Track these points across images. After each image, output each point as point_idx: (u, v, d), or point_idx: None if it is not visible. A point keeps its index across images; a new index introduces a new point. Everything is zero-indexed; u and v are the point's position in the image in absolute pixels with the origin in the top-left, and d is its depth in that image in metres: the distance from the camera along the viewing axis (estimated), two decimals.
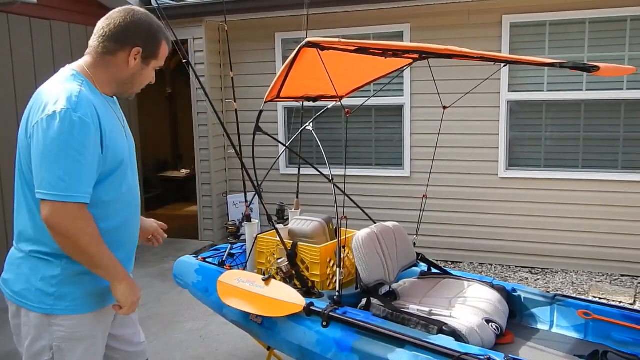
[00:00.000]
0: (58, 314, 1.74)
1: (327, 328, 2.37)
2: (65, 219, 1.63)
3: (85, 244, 1.67)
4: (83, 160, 1.64)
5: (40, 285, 1.73)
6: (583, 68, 1.78)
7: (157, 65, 1.90)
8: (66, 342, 1.76)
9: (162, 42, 1.86)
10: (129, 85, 1.88)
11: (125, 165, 1.83)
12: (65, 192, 1.62)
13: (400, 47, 2.34)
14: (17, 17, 5.04)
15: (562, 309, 2.65)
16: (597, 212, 5.11)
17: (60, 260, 1.74)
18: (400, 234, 2.91)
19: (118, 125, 1.86)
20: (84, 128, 1.64)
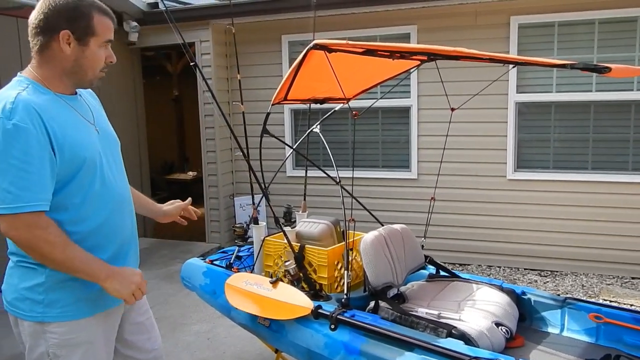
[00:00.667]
0: (50, 321, 1.71)
1: (335, 331, 2.35)
2: (21, 230, 1.58)
3: (48, 251, 1.61)
4: (28, 167, 1.56)
5: (29, 294, 1.71)
6: (594, 69, 1.75)
7: (102, 40, 1.73)
8: (61, 349, 1.72)
9: (93, 15, 1.70)
10: (80, 73, 1.73)
11: (91, 162, 1.72)
12: (14, 203, 1.55)
13: (408, 49, 2.33)
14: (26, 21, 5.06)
15: (573, 312, 2.62)
16: (607, 214, 5.07)
17: (45, 268, 1.69)
18: (408, 237, 2.90)
19: (80, 123, 1.75)
20: (22, 134, 1.55)
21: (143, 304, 2.06)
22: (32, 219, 1.58)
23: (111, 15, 1.78)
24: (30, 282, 1.71)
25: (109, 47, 1.78)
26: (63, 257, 1.63)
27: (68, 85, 1.76)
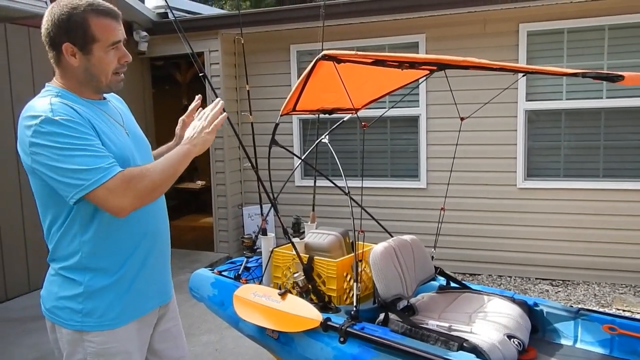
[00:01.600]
0: (88, 330, 1.73)
1: (345, 344, 2.33)
2: (125, 193, 1.58)
3: (150, 183, 1.62)
4: (88, 144, 1.59)
5: (68, 303, 1.73)
6: (607, 78, 1.73)
7: (106, 44, 1.69)
8: (99, 357, 1.75)
9: (89, 20, 1.65)
10: (94, 80, 1.73)
11: (126, 162, 1.73)
12: (97, 175, 1.56)
13: (418, 59, 2.32)
14: (37, 30, 5.11)
15: (587, 323, 2.58)
16: (620, 222, 5.00)
17: (84, 277, 1.71)
18: (418, 247, 2.87)
19: (112, 124, 1.77)
20: (70, 124, 1.58)
21: (172, 310, 2.06)
22: (120, 179, 1.58)
23: (112, 14, 1.70)
24: (70, 292, 1.73)
25: (121, 47, 1.73)
26: (158, 174, 1.64)
27: (90, 91, 1.76)
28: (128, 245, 1.76)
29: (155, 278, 1.88)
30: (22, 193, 5.03)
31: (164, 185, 1.67)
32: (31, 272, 5.14)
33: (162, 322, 2.00)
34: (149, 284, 1.85)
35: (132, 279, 1.78)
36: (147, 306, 1.85)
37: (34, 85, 5.12)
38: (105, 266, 1.73)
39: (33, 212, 1.88)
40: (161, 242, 1.91)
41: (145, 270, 1.82)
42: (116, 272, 1.75)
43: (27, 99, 1.73)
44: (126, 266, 1.76)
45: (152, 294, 1.88)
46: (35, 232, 5.17)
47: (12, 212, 4.96)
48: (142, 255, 1.81)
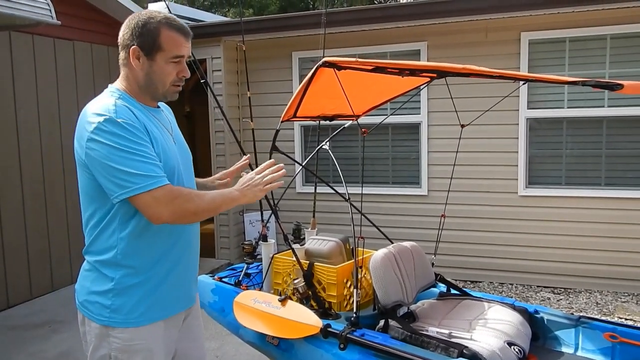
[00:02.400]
0: (114, 326, 1.79)
1: (345, 350, 2.32)
2: (166, 205, 1.67)
3: (194, 207, 1.72)
4: (143, 152, 1.68)
5: (98, 298, 1.80)
6: (606, 86, 1.74)
7: (169, 56, 1.80)
8: (122, 353, 1.80)
9: (161, 31, 1.77)
10: (152, 86, 1.83)
11: (174, 171, 1.83)
12: (146, 181, 1.65)
13: (418, 67, 2.33)
14: (41, 38, 5.17)
15: (588, 331, 2.57)
16: (621, 230, 4.99)
17: (116, 274, 1.78)
18: (418, 254, 2.87)
19: (163, 133, 1.87)
20: (130, 128, 1.68)
21: (195, 310, 2.11)
22: (168, 192, 1.69)
23: (183, 31, 1.82)
24: (101, 287, 1.80)
25: (183, 62, 1.84)
26: (205, 203, 1.75)
27: (147, 98, 1.86)
28: (160, 248, 1.83)
29: (183, 283, 1.94)
30: (24, 202, 5.05)
31: (203, 214, 1.76)
32: (33, 280, 5.15)
33: (185, 323, 2.05)
34: (177, 288, 1.91)
35: (161, 281, 1.85)
36: (173, 308, 1.91)
37: (37, 92, 5.15)
38: (136, 265, 1.79)
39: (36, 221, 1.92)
40: (191, 251, 1.98)
41: (174, 275, 1.89)
42: (146, 272, 1.81)
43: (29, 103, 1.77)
44: (156, 268, 1.83)
45: (179, 297, 1.94)
46: (38, 241, 5.19)
47: (15, 220, 4.97)
48: (172, 260, 1.88)
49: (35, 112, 5.14)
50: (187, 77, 1.87)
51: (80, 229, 1.94)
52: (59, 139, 5.36)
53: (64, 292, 5.23)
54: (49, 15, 4.32)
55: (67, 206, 5.44)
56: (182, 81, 1.87)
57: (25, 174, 5.06)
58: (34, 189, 5.14)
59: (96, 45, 5.78)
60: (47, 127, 5.26)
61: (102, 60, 5.84)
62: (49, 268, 5.29)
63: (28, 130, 5.08)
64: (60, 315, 4.68)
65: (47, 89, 5.25)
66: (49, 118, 5.27)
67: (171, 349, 1.95)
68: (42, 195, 5.22)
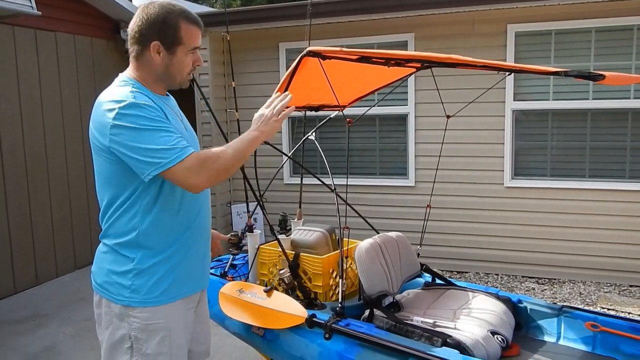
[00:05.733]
0: (134, 306, 1.83)
1: (330, 340, 2.33)
2: (200, 172, 1.71)
3: (223, 163, 1.76)
4: (167, 127, 1.74)
5: (118, 278, 1.84)
6: (588, 77, 1.75)
7: (189, 48, 1.88)
8: (142, 333, 1.85)
9: (181, 25, 1.85)
10: (170, 78, 1.90)
11: None
12: (175, 154, 1.69)
13: (403, 56, 2.33)
14: (22, 29, 5.08)
15: (570, 320, 2.60)
16: (605, 221, 5.05)
17: (136, 254, 1.83)
18: (403, 244, 2.88)
19: (177, 119, 1.93)
20: (151, 108, 1.74)
21: (205, 296, 2.17)
22: (197, 159, 1.73)
23: (198, 23, 1.90)
24: (121, 268, 1.84)
25: (197, 52, 1.92)
26: (231, 156, 1.79)
27: (161, 87, 1.93)
28: (180, 228, 1.89)
29: (200, 262, 2.01)
30: (7, 196, 4.98)
31: (234, 166, 1.81)
32: (17, 274, 5.09)
33: (198, 306, 2.10)
34: (194, 267, 1.97)
35: (180, 260, 1.90)
36: (192, 287, 1.97)
37: (19, 85, 5.06)
38: (156, 245, 1.85)
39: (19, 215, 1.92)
40: (206, 231, 2.05)
41: (192, 254, 1.94)
42: (165, 251, 1.86)
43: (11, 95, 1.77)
44: (174, 247, 1.88)
45: (197, 276, 2.00)
46: (21, 235, 5.13)
47: None
48: (191, 240, 1.93)
49: (17, 104, 5.06)
50: (201, 66, 1.98)
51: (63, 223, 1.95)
52: (42, 132, 5.29)
53: (48, 286, 5.18)
54: (29, 5, 4.25)
55: (51, 200, 5.37)
56: (195, 69, 1.94)
57: (8, 168, 4.99)
58: (16, 182, 5.07)
59: (79, 37, 5.70)
60: (30, 120, 5.17)
61: (86, 52, 5.76)
62: (33, 262, 5.23)
63: (10, 123, 5.00)
64: (44, 310, 4.64)
65: (29, 81, 5.16)
66: (31, 111, 5.19)
67: (189, 330, 2.00)
68: (25, 189, 5.15)
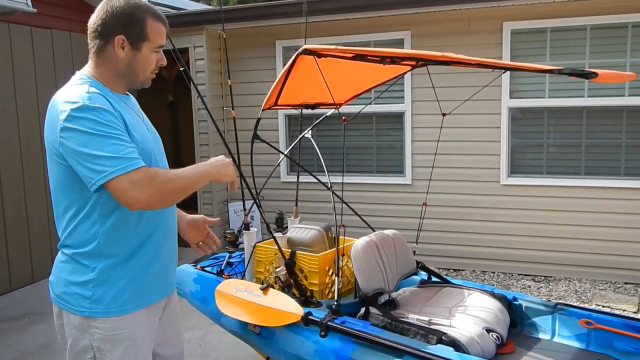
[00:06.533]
0: (95, 316, 1.77)
1: (325, 338, 2.34)
2: (144, 187, 1.62)
3: (172, 187, 1.69)
4: (119, 135, 1.66)
5: (78, 289, 1.77)
6: (581, 74, 1.76)
7: (154, 45, 1.82)
8: (105, 343, 1.79)
9: (147, 21, 1.78)
10: (132, 75, 1.83)
11: (150, 156, 1.82)
12: (121, 164, 1.61)
13: (398, 54, 2.33)
14: (17, 26, 5.06)
15: (564, 317, 2.62)
16: (600, 219, 5.07)
17: (97, 264, 1.76)
18: (399, 242, 2.89)
19: (136, 119, 1.87)
20: (105, 113, 1.66)
21: (174, 299, 2.10)
22: (144, 174, 1.64)
23: (164, 21, 1.85)
24: (81, 278, 1.77)
25: (161, 51, 1.87)
26: (182, 181, 1.73)
27: (122, 85, 1.86)
28: (142, 235, 1.82)
29: (164, 270, 1.94)
30: (3, 194, 4.97)
31: (181, 194, 1.74)
32: (12, 272, 5.08)
33: (165, 310, 2.04)
34: (158, 275, 1.90)
35: (143, 269, 1.84)
36: (155, 296, 1.91)
37: (15, 82, 5.05)
38: (118, 253, 1.78)
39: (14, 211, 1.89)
40: (171, 237, 1.97)
41: (156, 262, 1.88)
42: (128, 260, 1.80)
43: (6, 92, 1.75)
44: (138, 256, 1.82)
45: (161, 284, 1.93)
46: (17, 233, 5.12)
47: None
48: (155, 247, 1.87)
49: (13, 102, 5.05)
50: (164, 65, 1.89)
51: None
52: (38, 129, 5.28)
53: (44, 284, 5.16)
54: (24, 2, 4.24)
55: (47, 198, 5.35)
56: (157, 69, 1.89)
57: (4, 166, 4.98)
58: (13, 180, 5.06)
59: (75, 34, 5.68)
60: (26, 118, 5.16)
61: (81, 48, 5.70)
62: (29, 260, 5.23)
63: (6, 121, 4.98)
64: (40, 307, 4.63)
65: (25, 79, 5.15)
66: (27, 108, 5.18)
67: (154, 337, 1.95)
68: (22, 187, 5.15)
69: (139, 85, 1.88)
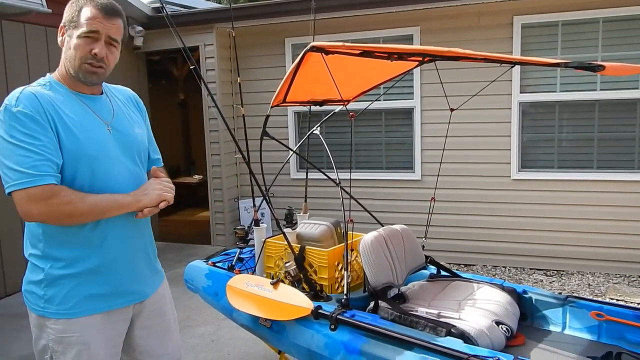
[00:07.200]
0: (49, 317, 1.78)
1: (335, 331, 2.36)
2: (38, 204, 1.64)
3: (72, 210, 1.69)
4: (32, 147, 1.64)
5: (33, 288, 1.80)
6: (588, 67, 1.76)
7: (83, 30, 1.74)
8: (58, 345, 1.79)
9: (82, 8, 1.76)
10: (69, 64, 1.78)
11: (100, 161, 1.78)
12: (22, 179, 1.63)
13: (405, 50, 2.34)
14: (32, 27, 5.15)
15: (575, 310, 2.61)
16: (613, 212, 5.04)
17: (45, 265, 1.77)
18: (408, 237, 2.90)
19: (90, 120, 1.80)
20: (24, 118, 1.65)
21: (155, 308, 2.04)
22: (44, 191, 1.64)
23: (105, 8, 1.77)
24: (36, 277, 1.80)
25: (101, 42, 1.77)
26: (87, 207, 1.71)
27: (75, 79, 1.81)
28: (92, 241, 1.79)
29: (122, 278, 1.88)
30: None
31: (83, 217, 1.73)
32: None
33: (143, 318, 2.00)
34: (115, 283, 1.86)
35: (92, 275, 1.80)
36: (112, 303, 1.86)
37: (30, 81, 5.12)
38: (62, 257, 1.77)
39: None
40: (130, 247, 1.90)
41: (115, 268, 1.85)
42: (73, 265, 1.78)
43: None
44: (84, 262, 1.79)
45: (119, 292, 1.88)
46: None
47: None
48: (111, 253, 1.83)
49: None
50: (98, 56, 1.77)
51: None
52: None
53: None
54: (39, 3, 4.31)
55: None
56: (94, 59, 1.76)
57: None
58: None
59: None
60: None
61: None
62: None
63: None
64: None
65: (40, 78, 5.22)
66: None
67: (115, 343, 1.91)
68: None
69: (81, 78, 1.80)
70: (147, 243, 2.00)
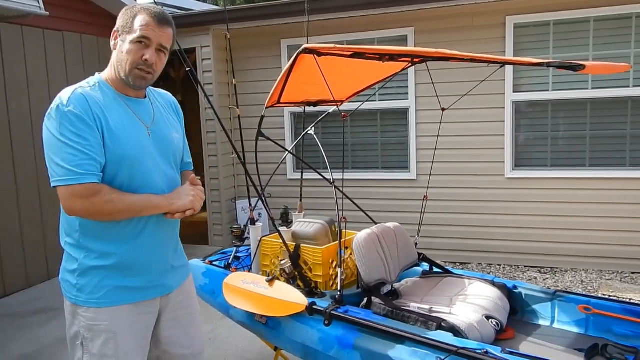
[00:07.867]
0: (80, 305, 1.88)
1: (329, 326, 2.42)
2: (81, 201, 1.74)
3: (111, 208, 1.78)
4: (78, 146, 1.73)
5: (68, 276, 1.90)
6: (569, 67, 1.82)
7: (135, 36, 1.81)
8: (88, 332, 1.88)
9: (137, 16, 1.83)
10: (119, 69, 1.86)
11: (140, 163, 1.86)
12: (67, 176, 1.73)
13: (395, 52, 2.40)
14: (30, 29, 5.20)
15: (563, 304, 2.67)
16: (606, 210, 5.10)
17: (80, 255, 1.87)
18: (401, 234, 2.96)
19: (132, 123, 1.88)
20: (73, 117, 1.74)
21: (181, 300, 2.12)
22: (86, 189, 1.74)
23: (157, 17, 1.85)
24: (70, 266, 1.90)
25: (152, 49, 1.84)
26: (125, 205, 1.81)
27: (124, 84, 1.88)
28: (125, 235, 1.88)
29: (151, 271, 1.96)
30: (18, 191, 5.11)
31: (121, 215, 1.84)
32: (29, 269, 5.23)
33: (169, 310, 2.07)
34: (143, 275, 1.94)
35: (123, 267, 1.89)
36: (140, 295, 1.94)
37: (28, 84, 5.19)
38: (95, 249, 1.87)
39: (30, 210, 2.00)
40: (166, 237, 2.01)
41: (144, 262, 1.93)
42: (106, 257, 1.87)
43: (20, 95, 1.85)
44: (117, 254, 1.87)
45: (147, 284, 1.96)
46: (32, 230, 5.26)
47: (9, 209, 5.03)
48: (142, 248, 1.92)
49: (27, 103, 5.19)
50: (149, 62, 1.84)
51: None
52: None
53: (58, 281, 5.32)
54: (36, 6, 4.35)
55: None
56: (144, 65, 1.84)
57: (18, 165, 5.12)
58: (27, 179, 5.20)
59: (86, 36, 5.81)
60: (39, 119, 5.28)
61: (92, 51, 5.87)
62: (45, 257, 5.37)
63: (19, 123, 5.13)
64: (56, 303, 4.76)
65: (38, 81, 5.29)
66: (40, 109, 5.31)
67: (144, 335, 1.98)
68: (36, 186, 5.28)
69: (130, 82, 1.87)
70: (176, 239, 2.11)
